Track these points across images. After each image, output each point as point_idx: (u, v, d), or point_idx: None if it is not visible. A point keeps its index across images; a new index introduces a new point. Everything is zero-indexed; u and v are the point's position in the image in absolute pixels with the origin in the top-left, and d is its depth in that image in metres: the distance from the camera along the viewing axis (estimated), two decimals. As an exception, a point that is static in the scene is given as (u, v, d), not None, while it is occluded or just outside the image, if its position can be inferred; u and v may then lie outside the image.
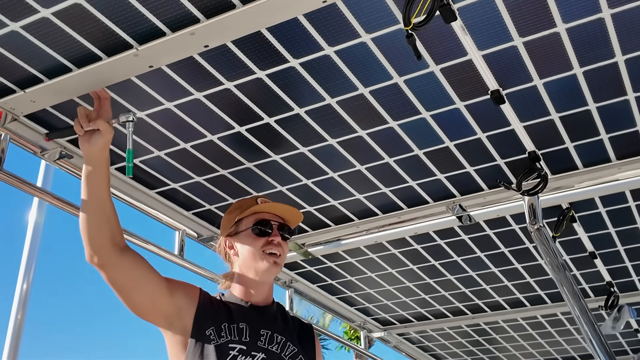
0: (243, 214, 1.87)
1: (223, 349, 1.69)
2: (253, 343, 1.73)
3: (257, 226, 1.85)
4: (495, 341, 3.91)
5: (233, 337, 1.72)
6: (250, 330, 1.75)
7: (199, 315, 1.74)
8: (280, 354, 1.77)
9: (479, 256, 2.86)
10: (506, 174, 2.26)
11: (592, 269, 2.94)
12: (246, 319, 1.78)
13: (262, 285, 1.87)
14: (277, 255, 1.85)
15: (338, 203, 2.48)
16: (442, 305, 3.44)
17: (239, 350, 1.70)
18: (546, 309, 3.37)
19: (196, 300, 1.76)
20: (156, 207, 2.40)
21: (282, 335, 1.80)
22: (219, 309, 1.79)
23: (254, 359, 1.71)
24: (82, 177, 1.64)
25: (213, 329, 1.71)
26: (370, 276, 3.10)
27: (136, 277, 1.67)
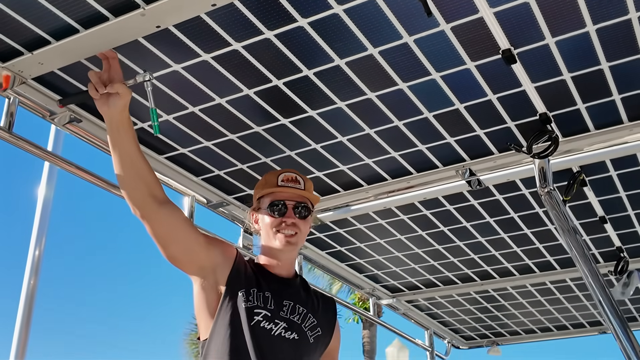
0: (264, 191, 1.95)
1: (249, 312, 1.77)
2: (276, 311, 1.82)
3: (271, 206, 1.92)
4: (503, 308, 3.92)
5: (259, 304, 1.80)
6: (275, 300, 1.83)
7: (232, 275, 1.82)
8: (301, 324, 1.86)
9: (488, 222, 2.85)
10: (516, 137, 2.24)
11: (602, 234, 2.94)
12: (271, 289, 1.86)
13: (284, 260, 1.94)
14: (291, 234, 1.90)
15: (347, 168, 2.47)
16: (451, 272, 3.45)
17: (264, 316, 1.79)
18: (555, 275, 3.37)
19: (232, 261, 1.85)
20: (165, 172, 2.41)
21: (304, 307, 1.89)
22: (249, 275, 1.86)
23: (276, 326, 1.80)
24: (109, 139, 1.68)
25: (244, 291, 1.80)
26: (379, 242, 3.11)
27: (174, 229, 1.75)
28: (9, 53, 1.75)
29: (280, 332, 1.80)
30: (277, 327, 1.80)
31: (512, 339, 4.45)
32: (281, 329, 1.81)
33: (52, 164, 2.37)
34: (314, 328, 1.89)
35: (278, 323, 1.81)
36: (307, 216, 1.95)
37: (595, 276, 2.16)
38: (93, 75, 1.64)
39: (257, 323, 1.77)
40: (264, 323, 1.78)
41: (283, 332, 1.81)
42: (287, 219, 1.90)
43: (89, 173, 2.16)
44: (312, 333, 1.88)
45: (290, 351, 1.81)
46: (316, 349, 1.91)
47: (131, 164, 1.69)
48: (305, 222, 1.95)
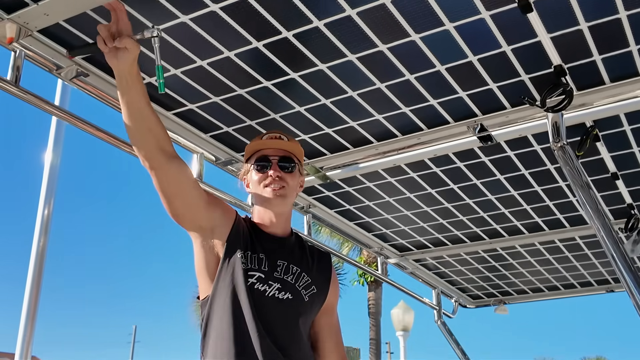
0: (249, 151, 2.01)
1: (245, 274, 1.82)
2: (270, 273, 1.86)
3: (256, 163, 1.98)
4: (511, 267, 3.93)
5: (253, 266, 1.84)
6: (269, 261, 1.87)
7: (232, 236, 1.86)
8: (295, 284, 1.89)
9: (498, 179, 2.83)
10: (530, 91, 2.20)
11: (613, 190, 2.91)
12: (265, 250, 1.89)
13: (277, 217, 1.97)
14: (278, 187, 1.93)
15: (357, 124, 2.44)
16: (460, 231, 3.45)
17: (257, 277, 1.83)
18: (564, 233, 3.36)
19: (231, 222, 1.88)
20: (173, 128, 2.38)
21: (298, 266, 1.92)
22: (245, 237, 1.89)
23: (270, 287, 1.84)
24: (119, 93, 1.66)
25: (242, 252, 1.85)
26: (388, 201, 3.10)
27: (179, 183, 1.78)
28: (14, 4, 1.71)
29: (274, 293, 1.84)
30: (271, 289, 1.84)
31: (519, 298, 4.47)
32: (275, 289, 1.85)
33: (59, 118, 2.35)
34: (309, 287, 1.92)
35: (272, 284, 1.84)
36: (293, 169, 1.98)
37: (609, 232, 2.14)
38: (102, 28, 1.61)
39: (252, 285, 1.82)
40: (258, 285, 1.83)
41: (277, 292, 1.85)
42: (272, 173, 1.94)
43: (95, 128, 2.14)
44: (306, 292, 1.91)
45: (285, 311, 1.85)
46: (312, 307, 1.94)
47: (141, 117, 1.69)
48: (292, 175, 1.97)
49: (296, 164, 2.00)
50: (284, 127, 2.45)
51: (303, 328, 1.91)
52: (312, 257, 2.02)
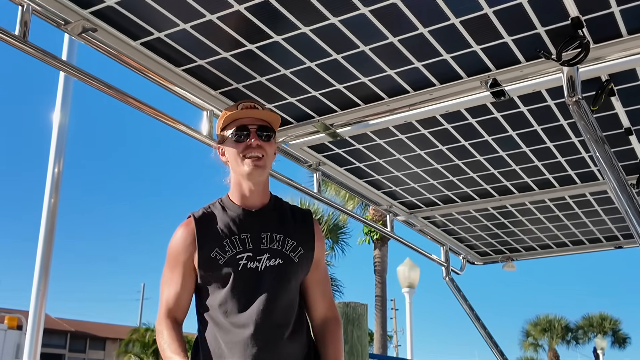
0: (225, 120, 1.98)
1: (232, 260, 1.89)
2: (257, 248, 1.93)
3: (235, 132, 1.96)
4: (520, 223, 3.93)
5: (238, 249, 1.91)
6: (252, 238, 1.93)
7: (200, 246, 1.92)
8: (282, 249, 1.95)
9: (510, 135, 2.81)
10: (546, 44, 2.16)
11: (626, 146, 2.89)
12: (246, 229, 1.94)
13: (256, 186, 1.98)
14: (258, 157, 1.94)
15: (368, 80, 2.41)
16: (470, 188, 3.43)
17: (247, 257, 1.91)
18: (575, 190, 3.35)
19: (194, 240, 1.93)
20: (183, 85, 2.36)
21: (280, 233, 1.97)
22: (219, 227, 1.94)
23: (260, 262, 1.92)
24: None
25: (217, 249, 1.91)
26: (398, 158, 3.08)
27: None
28: (19, -44, 1.68)
29: (265, 264, 1.91)
30: (262, 262, 1.91)
31: (527, 255, 4.48)
32: (265, 260, 1.92)
33: (66, 74, 2.32)
34: (296, 249, 1.97)
35: (260, 258, 1.91)
36: (270, 138, 1.98)
37: (623, 187, 2.12)
38: None
39: (244, 267, 1.89)
40: (250, 263, 1.90)
41: (268, 262, 1.92)
42: (252, 142, 1.94)
43: (103, 83, 2.12)
44: (294, 254, 1.96)
45: (278, 276, 1.92)
46: (303, 266, 1.99)
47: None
48: (270, 144, 1.98)
49: (273, 133, 2.01)
50: (294, 83, 2.42)
51: (296, 288, 1.99)
52: (294, 218, 2.04)
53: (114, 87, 2.18)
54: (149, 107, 2.33)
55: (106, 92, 2.16)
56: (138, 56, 2.21)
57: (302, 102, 2.57)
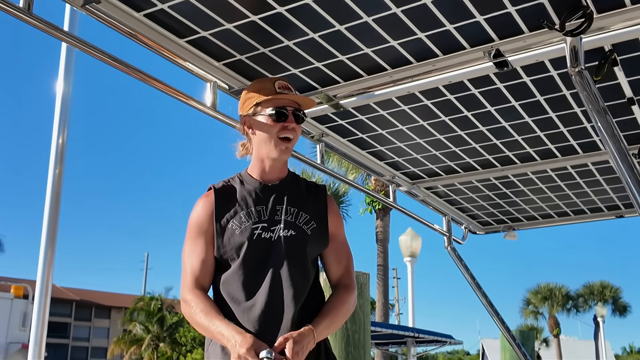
0: (262, 97, 2.05)
1: (247, 231, 2.00)
2: (271, 219, 2.03)
3: (275, 111, 2.04)
4: (522, 193, 3.95)
5: (254, 220, 2.02)
6: (268, 210, 2.05)
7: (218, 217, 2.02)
8: (295, 221, 2.05)
9: (513, 105, 2.81)
10: (549, 14, 2.15)
11: (629, 116, 2.89)
12: (262, 202, 2.06)
13: (276, 163, 2.10)
14: (290, 139, 2.06)
15: (371, 51, 2.41)
16: (472, 158, 3.45)
17: (262, 228, 2.01)
18: (577, 159, 3.36)
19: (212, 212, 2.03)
20: (186, 56, 2.37)
21: (295, 206, 2.07)
22: (237, 200, 2.06)
23: (274, 232, 2.02)
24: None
25: (234, 221, 2.02)
26: (401, 129, 3.09)
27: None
28: None
29: (278, 234, 2.02)
30: (275, 233, 2.02)
31: (528, 224, 4.52)
32: (278, 231, 2.02)
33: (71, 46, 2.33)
34: (309, 222, 2.07)
35: (274, 228, 2.02)
36: (302, 121, 2.11)
37: (624, 157, 2.14)
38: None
39: (259, 236, 1.99)
40: (264, 234, 2.01)
41: (281, 232, 2.02)
42: (288, 124, 2.04)
43: (106, 54, 2.13)
44: (307, 226, 2.06)
45: (290, 245, 2.01)
46: (316, 238, 2.07)
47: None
48: (300, 127, 2.11)
49: (305, 117, 2.12)
50: (297, 54, 2.42)
51: (310, 259, 2.07)
52: (309, 193, 2.14)
53: (117, 59, 2.19)
54: (152, 79, 2.34)
55: (110, 63, 2.17)
56: (141, 27, 2.21)
57: (305, 73, 2.57)
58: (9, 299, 8.04)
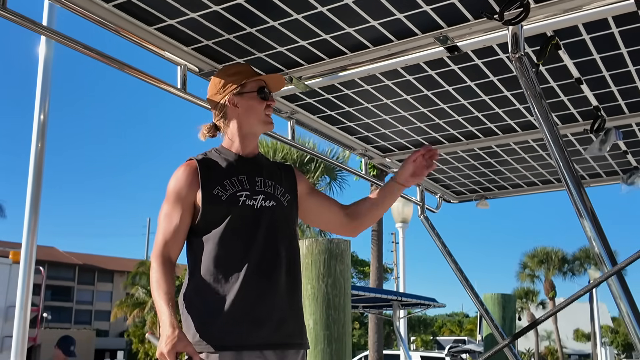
0: (249, 79, 2.25)
1: (232, 197, 2.15)
2: (252, 189, 2.20)
3: (259, 91, 2.26)
4: (491, 165, 4.13)
5: (237, 187, 2.17)
6: (248, 180, 2.21)
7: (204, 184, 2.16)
8: (274, 193, 2.24)
9: (469, 85, 2.98)
10: (490, 4, 2.31)
11: (579, 94, 3.06)
12: (242, 172, 2.22)
13: (254, 139, 2.31)
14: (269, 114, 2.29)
15: (329, 37, 2.57)
16: (438, 133, 3.63)
17: (245, 195, 2.17)
18: (536, 134, 3.54)
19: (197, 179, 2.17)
20: (156, 42, 2.53)
21: (271, 179, 2.26)
22: (219, 169, 2.21)
23: (257, 200, 2.18)
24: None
25: (219, 187, 2.15)
26: (367, 107, 3.26)
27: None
28: None
29: (260, 203, 2.19)
30: (257, 201, 2.18)
31: (499, 193, 4.72)
32: (261, 200, 2.19)
33: (49, 38, 2.49)
34: (284, 194, 2.27)
35: (256, 197, 2.19)
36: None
37: (555, 137, 2.31)
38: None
39: (243, 203, 2.15)
40: (248, 201, 2.17)
41: (263, 202, 2.19)
42: (272, 102, 2.29)
43: (81, 45, 2.29)
44: (284, 199, 2.26)
45: (272, 215, 2.20)
46: (292, 211, 2.28)
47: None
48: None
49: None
50: (261, 40, 2.58)
51: (288, 228, 2.26)
52: (280, 170, 2.35)
53: (93, 49, 2.36)
54: (128, 67, 2.51)
55: (86, 53, 2.34)
56: (112, 17, 2.37)
57: (271, 57, 2.74)
58: (7, 264, 8.25)
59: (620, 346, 50.62)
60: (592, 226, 2.20)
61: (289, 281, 2.19)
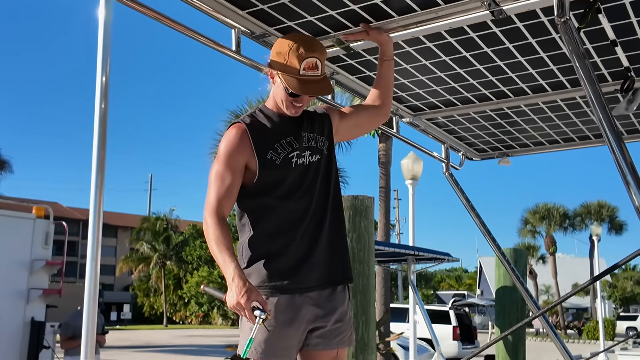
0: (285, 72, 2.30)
1: (285, 160, 2.35)
2: (300, 146, 2.40)
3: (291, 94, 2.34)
4: (516, 124, 4.27)
5: (288, 149, 2.36)
6: (295, 139, 2.39)
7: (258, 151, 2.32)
8: (317, 146, 2.46)
9: (507, 47, 3.09)
10: (539, -30, 2.41)
11: (612, 55, 3.17)
12: (289, 132, 2.40)
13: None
14: (299, 105, 2.39)
15: (380, 1, 2.68)
16: (470, 93, 3.75)
17: (296, 155, 2.37)
18: (565, 94, 3.66)
19: (249, 145, 2.32)
20: (212, 5, 2.65)
21: (312, 132, 2.46)
22: (268, 132, 2.37)
23: (305, 157, 2.39)
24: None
25: (272, 152, 2.34)
26: (405, 68, 3.38)
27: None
28: None
29: (309, 159, 2.40)
30: (306, 158, 2.39)
31: (521, 151, 4.86)
32: (308, 157, 2.40)
33: None
34: (324, 142, 2.49)
35: (304, 153, 2.39)
36: (313, 97, 2.46)
37: (598, 96, 2.44)
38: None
39: (295, 163, 2.36)
40: (299, 160, 2.37)
41: (311, 158, 2.41)
42: (298, 106, 2.39)
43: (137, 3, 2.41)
44: (324, 147, 2.48)
45: (318, 168, 2.43)
46: (330, 157, 2.51)
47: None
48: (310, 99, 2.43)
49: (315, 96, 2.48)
50: (313, 3, 2.68)
51: (331, 175, 2.48)
52: (317, 119, 2.54)
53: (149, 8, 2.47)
54: (182, 26, 2.62)
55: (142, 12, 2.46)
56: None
57: (320, 20, 2.84)
58: (31, 219, 8.46)
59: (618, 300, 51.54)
60: (632, 180, 2.33)
61: (336, 225, 2.44)
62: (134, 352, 22.70)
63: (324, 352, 2.40)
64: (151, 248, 52.42)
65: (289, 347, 2.30)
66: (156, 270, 52.90)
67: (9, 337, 7.99)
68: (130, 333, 36.97)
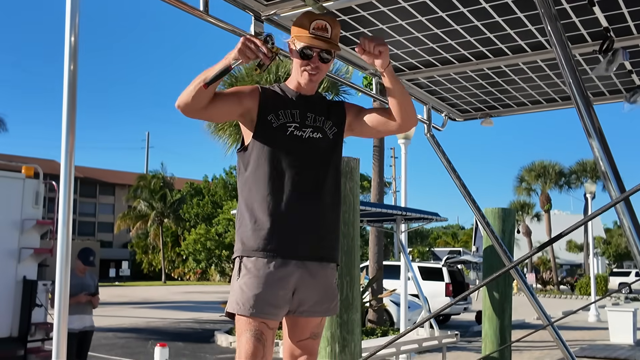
0: (298, 36, 2.46)
1: (282, 127, 2.48)
2: (303, 122, 2.52)
3: (302, 50, 2.47)
4: (497, 84, 4.22)
5: (288, 119, 2.50)
6: (300, 114, 2.53)
7: (261, 107, 2.50)
8: (323, 127, 2.57)
9: (484, 7, 3.03)
10: None
11: (590, 15, 3.12)
12: (297, 106, 2.54)
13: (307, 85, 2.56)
14: (313, 74, 2.51)
15: None
16: (449, 53, 3.70)
17: (294, 127, 2.50)
18: (546, 54, 3.61)
19: (257, 99, 2.50)
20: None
21: (321, 115, 2.58)
22: (277, 100, 2.53)
23: (305, 132, 2.51)
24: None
25: (273, 115, 2.48)
26: (381, 28, 3.32)
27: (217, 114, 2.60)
28: None
29: (309, 134, 2.51)
30: (306, 132, 2.51)
31: (503, 112, 4.83)
32: (309, 132, 2.51)
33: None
34: (332, 127, 2.59)
35: (305, 130, 2.51)
36: (329, 61, 2.53)
37: (568, 59, 2.41)
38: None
39: (291, 133, 2.47)
40: (296, 132, 2.49)
41: (311, 134, 2.52)
42: (312, 63, 2.49)
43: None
44: (330, 131, 2.58)
45: (318, 144, 2.53)
46: (337, 142, 2.59)
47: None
48: (327, 65, 2.53)
49: (332, 57, 2.54)
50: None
51: (332, 156, 2.57)
52: (331, 107, 2.65)
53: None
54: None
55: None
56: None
57: (290, -21, 2.79)
58: (21, 179, 8.45)
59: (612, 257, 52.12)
60: (599, 145, 2.33)
61: (331, 203, 2.51)
62: (132, 308, 23.03)
63: (309, 319, 2.54)
64: (148, 206, 52.66)
65: (277, 306, 2.41)
66: (154, 227, 53.26)
67: (1, 296, 8.08)
68: (129, 289, 37.45)
